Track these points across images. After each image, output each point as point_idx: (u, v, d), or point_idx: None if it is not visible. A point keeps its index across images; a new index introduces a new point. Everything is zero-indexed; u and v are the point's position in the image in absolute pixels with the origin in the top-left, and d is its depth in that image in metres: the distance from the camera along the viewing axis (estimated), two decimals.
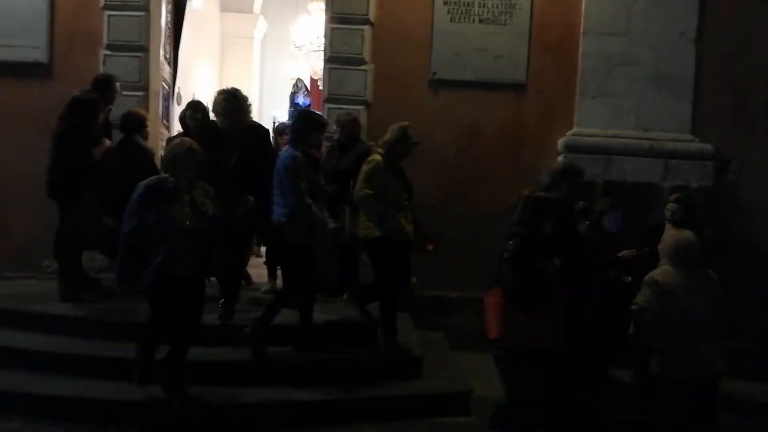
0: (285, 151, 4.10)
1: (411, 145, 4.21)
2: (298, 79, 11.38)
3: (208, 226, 3.30)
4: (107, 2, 5.34)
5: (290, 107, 11.49)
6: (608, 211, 4.76)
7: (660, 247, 4.01)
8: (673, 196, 4.52)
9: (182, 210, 3.25)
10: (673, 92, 5.31)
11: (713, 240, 4.33)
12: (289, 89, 12.86)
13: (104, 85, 4.58)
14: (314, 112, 4.65)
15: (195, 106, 5.08)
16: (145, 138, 4.79)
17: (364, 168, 4.09)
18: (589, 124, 5.35)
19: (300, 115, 4.46)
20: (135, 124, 4.65)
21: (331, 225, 4.11)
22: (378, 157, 4.11)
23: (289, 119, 11.07)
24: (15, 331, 4.07)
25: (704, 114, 5.36)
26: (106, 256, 4.79)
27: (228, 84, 11.75)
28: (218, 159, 3.97)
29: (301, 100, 11.61)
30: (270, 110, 12.10)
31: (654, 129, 5.32)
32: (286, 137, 6.23)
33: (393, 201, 4.03)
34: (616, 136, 5.32)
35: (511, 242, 3.29)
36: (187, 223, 3.22)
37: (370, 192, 4.00)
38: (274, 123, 10.46)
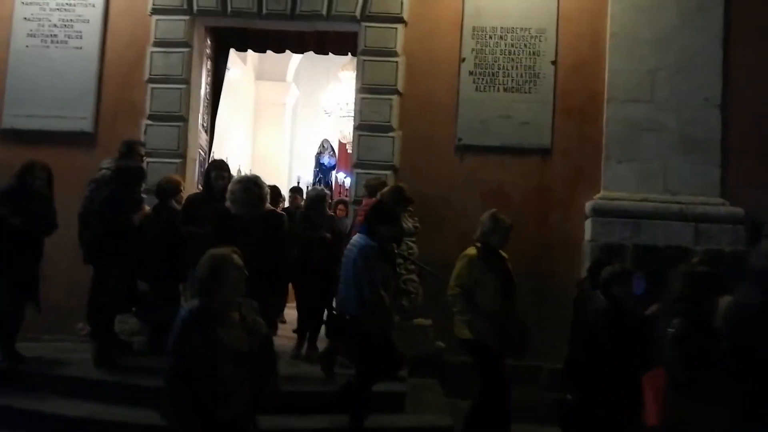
0: (358, 239, 3.90)
1: (505, 231, 3.95)
2: (324, 140, 11.65)
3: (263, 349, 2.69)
4: (151, 75, 5.70)
5: (315, 167, 11.74)
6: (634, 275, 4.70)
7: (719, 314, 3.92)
8: (696, 259, 4.45)
9: (233, 332, 2.59)
10: (700, 156, 5.32)
11: None
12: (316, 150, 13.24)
13: (129, 151, 4.82)
14: (386, 204, 4.28)
15: (221, 166, 4.93)
16: (179, 203, 4.97)
17: (457, 264, 3.88)
18: (616, 187, 5.37)
19: (373, 208, 4.19)
20: (170, 190, 4.85)
21: (397, 318, 4.01)
22: (472, 251, 3.89)
23: (314, 179, 11.30)
24: (47, 395, 4.11)
25: (733, 177, 5.33)
26: (138, 319, 4.89)
27: (261, 148, 12.25)
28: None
29: (326, 160, 11.82)
30: (299, 172, 12.41)
31: (682, 193, 5.30)
32: (299, 198, 6.34)
33: (486, 299, 3.73)
34: (644, 200, 5.31)
35: (675, 321, 2.98)
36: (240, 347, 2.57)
37: (459, 290, 3.79)
38: (297, 182, 10.69)
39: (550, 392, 4.82)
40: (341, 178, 11.91)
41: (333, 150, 11.52)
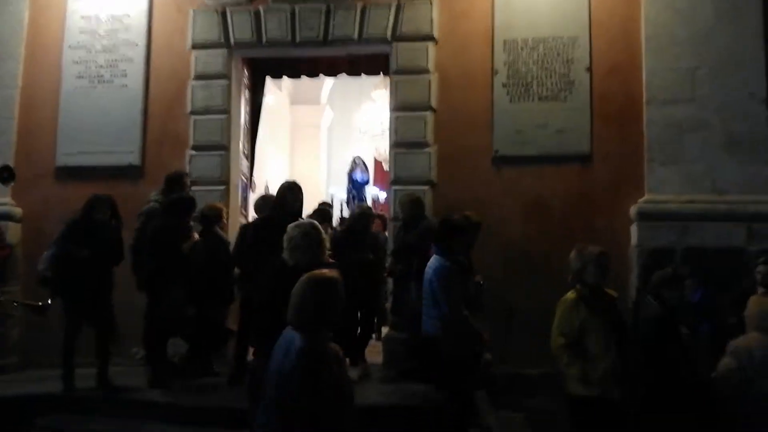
0: (434, 260, 3.86)
1: (603, 263, 3.39)
2: (356, 157, 11.73)
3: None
4: (193, 108, 5.92)
5: (348, 184, 11.77)
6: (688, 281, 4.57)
7: (745, 314, 3.80)
8: (762, 259, 4.33)
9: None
10: (747, 154, 5.16)
11: None
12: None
13: (176, 183, 5.02)
14: (453, 218, 4.18)
15: (296, 188, 4.55)
16: (223, 229, 5.13)
17: (556, 312, 3.40)
18: (661, 190, 5.25)
19: (440, 223, 4.16)
20: (213, 217, 5.01)
21: (486, 337, 3.88)
22: (571, 294, 3.38)
23: (348, 196, 11.30)
24: (102, 416, 4.30)
25: None
26: (186, 342, 5.04)
27: (299, 170, 12.40)
28: None
29: (358, 176, 11.82)
30: (332, 190, 12.50)
31: (731, 192, 5.14)
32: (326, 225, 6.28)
33: (597, 348, 3.23)
34: (691, 202, 5.17)
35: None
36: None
37: (563, 340, 3.30)
38: (331, 199, 10.71)
39: None
40: (376, 193, 11.90)
41: (365, 165, 11.53)
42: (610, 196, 5.38)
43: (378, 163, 12.15)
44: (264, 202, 5.10)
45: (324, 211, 5.79)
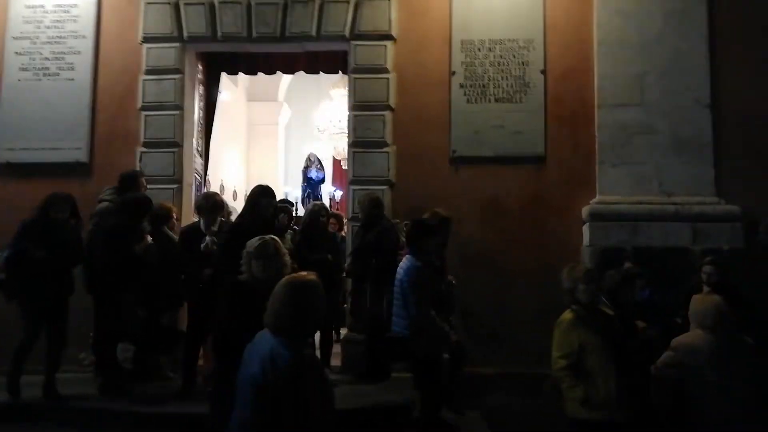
0: (406, 261, 3.90)
1: (592, 280, 3.24)
2: (311, 154, 11.56)
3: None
4: (144, 103, 5.73)
5: (303, 182, 11.61)
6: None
7: (689, 312, 3.95)
8: (708, 259, 4.51)
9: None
10: (693, 157, 5.37)
11: (751, 303, 4.23)
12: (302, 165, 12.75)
13: (131, 182, 4.84)
14: (425, 219, 4.25)
15: (270, 193, 4.38)
16: (171, 228, 4.99)
17: (555, 333, 3.24)
18: (612, 191, 5.40)
19: (412, 225, 4.18)
20: (162, 217, 4.87)
21: (454, 338, 3.94)
22: (567, 315, 3.23)
23: (303, 194, 11.07)
24: (53, 425, 4.10)
25: (727, 176, 5.38)
26: (136, 346, 4.88)
27: (255, 168, 12.13)
28: None
29: (314, 174, 11.63)
30: (287, 188, 12.22)
31: (678, 193, 5.34)
32: (285, 218, 6.17)
33: (595, 368, 3.08)
34: (639, 203, 5.34)
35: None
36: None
37: (564, 362, 3.13)
38: (284, 198, 10.28)
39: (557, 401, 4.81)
40: (332, 191, 11.74)
41: (320, 163, 11.38)
42: (564, 196, 5.51)
43: (336, 162, 12.09)
44: (206, 201, 4.69)
45: (287, 210, 5.71)
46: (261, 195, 4.27)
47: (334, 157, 12.01)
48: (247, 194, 4.52)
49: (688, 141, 5.40)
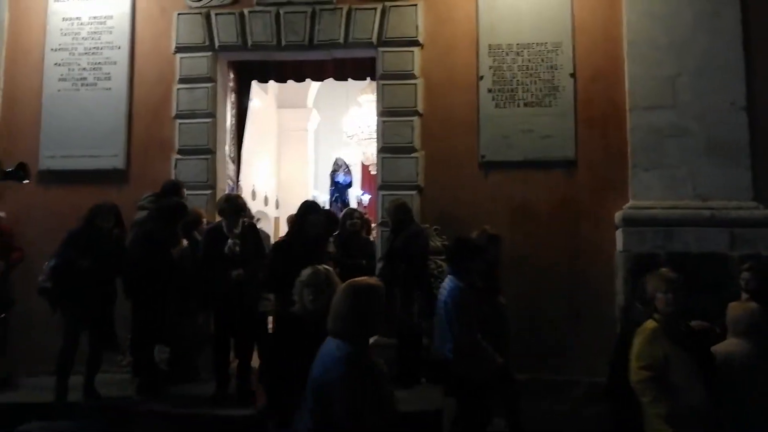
0: (448, 281, 3.77)
1: (675, 288, 3.07)
2: (338, 158, 11.56)
3: None
4: (179, 112, 5.87)
5: (330, 186, 11.62)
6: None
7: (726, 320, 3.86)
8: (746, 265, 4.39)
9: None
10: (729, 160, 5.23)
11: None
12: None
13: (172, 191, 4.98)
14: (469, 238, 4.04)
15: (317, 209, 4.70)
16: (201, 234, 5.08)
17: (635, 342, 3.08)
18: (645, 196, 5.30)
19: (455, 244, 3.98)
20: (192, 222, 4.98)
21: (500, 360, 3.75)
22: (651, 324, 3.08)
23: (330, 198, 11.06)
24: (92, 424, 4.22)
25: (765, 180, 5.22)
26: (171, 347, 4.99)
27: (285, 174, 12.20)
28: None
29: (341, 178, 11.61)
30: (316, 193, 12.32)
31: (713, 198, 5.21)
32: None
33: (680, 382, 2.92)
34: (674, 207, 5.22)
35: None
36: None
37: (647, 374, 2.96)
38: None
39: (587, 407, 4.74)
40: (359, 195, 11.71)
41: (347, 167, 11.39)
42: (595, 201, 5.43)
43: (365, 168, 12.16)
44: (229, 203, 4.61)
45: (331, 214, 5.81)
46: (307, 211, 4.44)
47: (362, 163, 12.09)
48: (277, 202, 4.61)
49: (723, 144, 5.26)
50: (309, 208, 4.48)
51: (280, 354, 2.81)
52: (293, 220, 4.73)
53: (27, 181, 4.57)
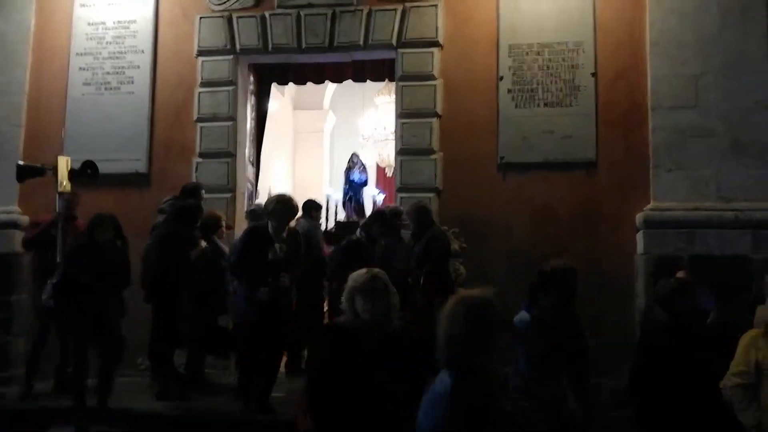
0: (520, 314, 3.43)
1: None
2: (353, 155, 11.21)
3: None
4: (200, 115, 5.93)
5: (345, 184, 11.25)
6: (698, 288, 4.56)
7: (754, 323, 3.80)
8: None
9: None
10: (753, 161, 5.14)
11: None
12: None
13: (193, 194, 5.03)
14: (544, 270, 3.56)
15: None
16: (220, 237, 5.13)
17: (738, 346, 3.04)
18: (667, 197, 5.24)
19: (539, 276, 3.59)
20: (212, 225, 5.03)
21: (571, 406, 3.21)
22: (754, 331, 3.08)
23: (344, 197, 10.73)
24: (109, 429, 4.25)
25: None
26: (189, 352, 5.03)
27: (301, 175, 12.09)
28: None
29: (356, 176, 11.01)
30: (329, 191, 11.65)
31: (737, 199, 5.13)
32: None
33: None
34: (696, 209, 5.15)
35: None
36: None
37: (738, 381, 2.92)
38: (326, 200, 9.64)
39: (611, 411, 4.70)
40: (374, 195, 11.36)
41: (363, 165, 11.07)
42: (616, 202, 5.38)
43: (380, 169, 12.14)
44: (281, 204, 4.30)
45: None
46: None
47: (378, 164, 12.07)
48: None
49: (748, 144, 5.17)
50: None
51: (327, 374, 2.38)
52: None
53: (96, 180, 4.64)
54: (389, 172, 10.91)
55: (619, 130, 5.46)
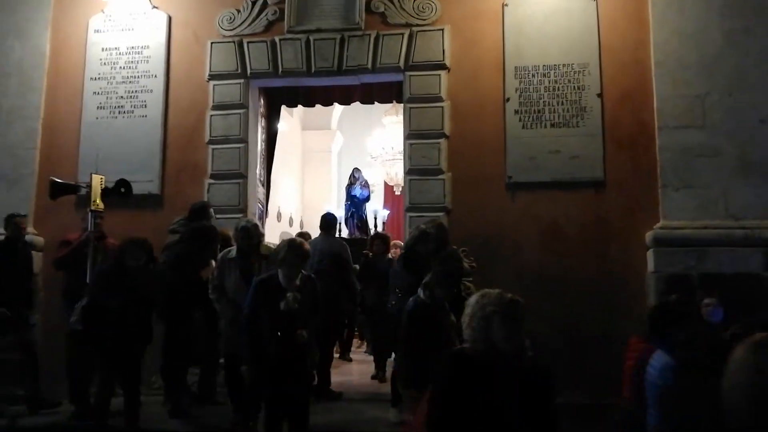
0: (657, 357, 2.80)
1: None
2: (355, 170, 10.66)
3: None
4: (212, 137, 6.03)
5: (346, 200, 10.48)
6: (707, 303, 4.56)
7: None
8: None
9: None
10: (761, 179, 5.18)
11: None
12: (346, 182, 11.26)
13: (201, 213, 5.09)
14: (670, 302, 3.23)
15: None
16: None
17: None
18: (676, 216, 5.26)
19: (656, 310, 3.20)
20: (223, 245, 5.05)
21: None
22: None
23: (346, 214, 10.26)
24: None
25: None
26: (202, 370, 5.05)
27: (309, 195, 12.13)
28: None
29: (358, 192, 10.43)
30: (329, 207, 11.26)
31: (747, 217, 5.15)
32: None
33: None
34: (706, 227, 5.18)
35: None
36: None
37: None
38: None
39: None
40: (376, 210, 11.02)
41: (365, 180, 10.84)
42: (625, 221, 5.40)
43: (389, 188, 12.23)
44: (292, 251, 3.84)
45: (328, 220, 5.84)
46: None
47: (386, 183, 12.16)
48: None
49: (756, 163, 5.22)
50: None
51: (453, 410, 2.05)
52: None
53: (130, 198, 4.69)
54: (397, 191, 10.96)
55: (627, 149, 5.51)
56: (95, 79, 6.32)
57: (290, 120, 11.16)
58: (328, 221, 5.84)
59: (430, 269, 4.10)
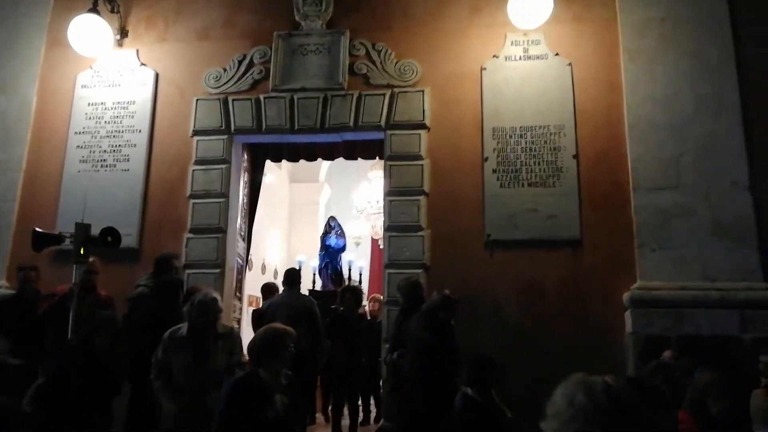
0: None
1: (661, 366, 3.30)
2: (330, 218, 10.34)
3: None
4: (193, 192, 6.06)
5: (321, 250, 10.05)
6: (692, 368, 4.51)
7: (751, 410, 3.74)
8: (765, 349, 4.32)
9: None
10: (736, 241, 5.23)
11: None
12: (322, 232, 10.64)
13: (164, 265, 5.05)
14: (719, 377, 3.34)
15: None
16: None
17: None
18: (653, 276, 5.28)
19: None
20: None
21: None
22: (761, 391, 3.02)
23: (320, 264, 9.97)
24: None
25: None
26: None
27: (295, 247, 12.09)
28: None
29: (333, 241, 10.08)
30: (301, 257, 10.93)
31: (722, 279, 5.17)
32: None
33: None
34: (683, 288, 5.18)
35: None
36: None
37: None
38: (299, 266, 8.72)
39: None
40: (352, 260, 10.56)
41: (341, 229, 10.47)
42: (603, 281, 5.41)
43: (374, 241, 12.24)
44: (273, 342, 3.31)
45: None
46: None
47: (372, 237, 12.18)
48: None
49: (730, 224, 5.28)
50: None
51: None
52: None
53: (117, 248, 4.53)
54: (382, 245, 10.92)
55: (602, 209, 5.58)
56: (80, 133, 6.39)
57: (278, 172, 11.28)
58: (290, 276, 5.85)
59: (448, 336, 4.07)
